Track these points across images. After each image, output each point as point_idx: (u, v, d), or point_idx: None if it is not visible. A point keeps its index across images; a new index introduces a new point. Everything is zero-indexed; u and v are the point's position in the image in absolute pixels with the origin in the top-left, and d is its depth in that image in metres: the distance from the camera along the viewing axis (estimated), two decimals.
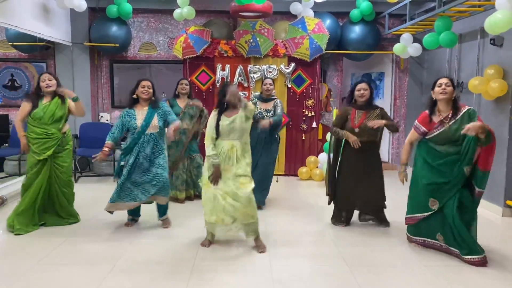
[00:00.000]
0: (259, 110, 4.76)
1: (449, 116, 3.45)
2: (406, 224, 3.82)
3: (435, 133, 3.47)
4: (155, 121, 4.00)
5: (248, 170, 3.60)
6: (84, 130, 6.65)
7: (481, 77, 4.87)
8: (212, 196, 3.56)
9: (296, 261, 3.47)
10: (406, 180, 3.71)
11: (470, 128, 3.20)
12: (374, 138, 4.11)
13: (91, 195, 5.48)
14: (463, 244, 3.39)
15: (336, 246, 3.78)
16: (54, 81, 4.11)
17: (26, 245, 3.73)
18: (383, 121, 3.96)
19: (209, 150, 3.54)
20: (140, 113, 4.02)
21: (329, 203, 4.39)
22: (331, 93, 7.44)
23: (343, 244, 3.84)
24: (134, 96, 4.05)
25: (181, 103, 5.14)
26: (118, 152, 6.55)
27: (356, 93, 4.07)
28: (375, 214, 4.33)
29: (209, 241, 3.77)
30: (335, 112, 6.25)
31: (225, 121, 3.55)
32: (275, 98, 4.92)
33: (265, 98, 4.85)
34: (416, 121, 3.62)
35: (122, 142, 6.85)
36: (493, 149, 3.34)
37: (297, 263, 3.42)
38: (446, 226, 3.50)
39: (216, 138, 3.56)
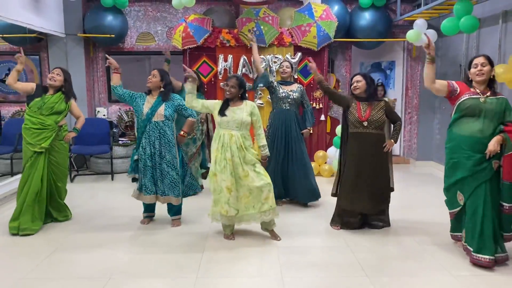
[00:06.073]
0: (282, 90, 4.66)
1: (487, 93, 3.19)
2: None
3: (467, 97, 3.17)
4: (161, 109, 3.88)
5: None
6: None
7: (506, 65, 4.49)
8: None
9: (310, 271, 3.12)
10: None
11: (491, 150, 3.04)
12: (381, 130, 3.86)
13: (88, 195, 5.20)
14: (479, 238, 3.07)
15: (353, 253, 3.44)
16: (61, 77, 4.02)
17: (12, 256, 3.40)
18: (393, 142, 3.84)
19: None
20: (150, 100, 3.95)
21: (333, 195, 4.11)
22: (339, 83, 7.05)
23: (359, 250, 3.50)
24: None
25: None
26: (116, 150, 6.29)
27: (352, 86, 3.87)
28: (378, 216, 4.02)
29: (231, 232, 3.75)
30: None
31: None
32: (295, 82, 4.93)
33: (284, 81, 4.75)
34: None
35: (121, 139, 6.66)
36: None
37: (311, 274, 3.08)
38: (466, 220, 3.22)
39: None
